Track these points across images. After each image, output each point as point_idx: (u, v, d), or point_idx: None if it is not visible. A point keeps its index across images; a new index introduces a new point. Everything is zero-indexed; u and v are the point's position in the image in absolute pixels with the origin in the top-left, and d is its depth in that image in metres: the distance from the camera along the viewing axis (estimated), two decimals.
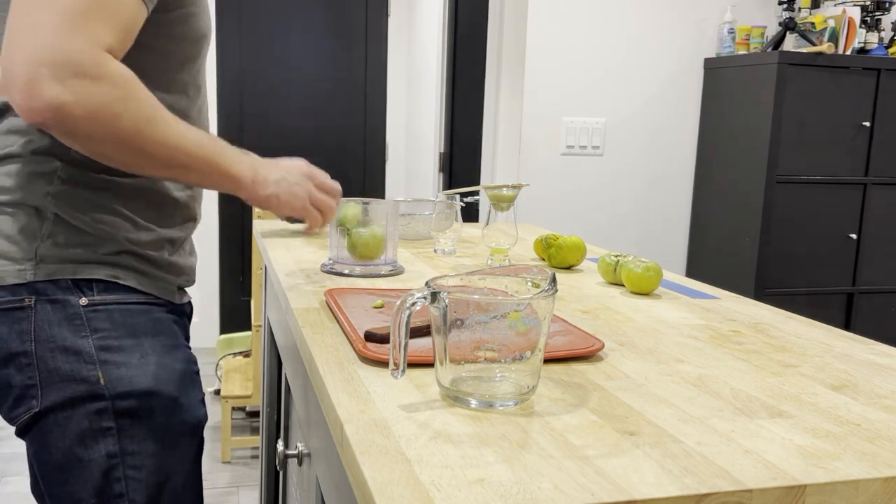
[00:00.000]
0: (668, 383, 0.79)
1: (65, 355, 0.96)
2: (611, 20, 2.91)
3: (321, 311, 1.03)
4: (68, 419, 0.96)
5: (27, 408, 0.97)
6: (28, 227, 0.97)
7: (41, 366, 0.95)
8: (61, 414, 0.96)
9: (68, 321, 0.96)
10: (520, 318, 0.68)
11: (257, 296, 3.05)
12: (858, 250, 2.91)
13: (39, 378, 0.96)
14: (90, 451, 0.97)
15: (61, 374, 0.96)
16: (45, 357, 0.96)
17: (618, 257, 1.27)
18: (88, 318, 0.97)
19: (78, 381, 0.96)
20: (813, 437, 0.66)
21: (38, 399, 0.96)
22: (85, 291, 0.97)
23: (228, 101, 4.34)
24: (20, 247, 0.97)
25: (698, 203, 3.10)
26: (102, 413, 0.97)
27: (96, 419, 0.97)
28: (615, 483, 0.56)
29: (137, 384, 0.98)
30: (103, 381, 0.97)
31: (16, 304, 0.95)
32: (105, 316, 0.98)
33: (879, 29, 2.92)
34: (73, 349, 0.96)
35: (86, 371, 0.96)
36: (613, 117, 2.97)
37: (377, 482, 0.55)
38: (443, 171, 3.97)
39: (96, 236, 0.99)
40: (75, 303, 0.97)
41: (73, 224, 0.98)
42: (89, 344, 0.97)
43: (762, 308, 1.17)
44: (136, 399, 0.98)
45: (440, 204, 1.50)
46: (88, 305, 0.97)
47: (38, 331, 0.95)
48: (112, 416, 0.97)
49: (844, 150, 2.83)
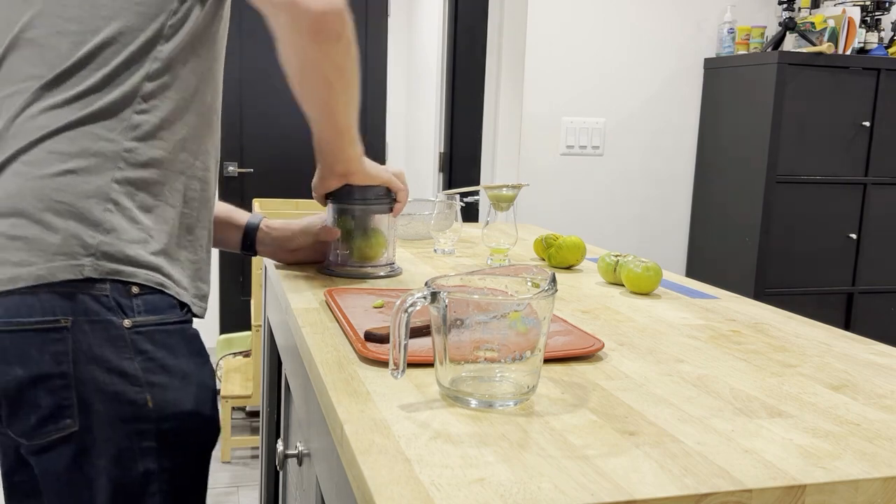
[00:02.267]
0: (668, 383, 0.79)
1: (108, 377, 0.93)
2: (611, 20, 2.91)
3: (321, 311, 1.03)
4: (108, 440, 0.94)
5: (58, 427, 0.93)
6: (89, 215, 0.92)
7: (80, 387, 0.92)
8: (101, 434, 0.94)
9: (111, 342, 0.93)
10: (520, 318, 0.68)
11: (257, 296, 3.05)
12: (858, 250, 2.91)
13: (77, 399, 0.92)
14: (127, 470, 0.95)
15: (105, 395, 0.93)
16: (86, 379, 0.92)
17: (618, 257, 1.27)
18: (132, 340, 0.94)
19: (124, 402, 0.93)
20: (813, 437, 0.66)
21: (74, 419, 0.92)
22: (127, 312, 0.94)
23: (228, 102, 4.34)
24: (78, 238, 0.91)
25: (698, 203, 3.10)
26: (145, 433, 0.95)
27: (137, 439, 0.95)
28: (615, 483, 0.56)
29: (182, 406, 0.98)
30: (151, 405, 0.95)
31: (49, 324, 0.90)
32: (146, 338, 0.95)
33: (879, 29, 2.92)
34: (117, 371, 0.93)
35: (133, 393, 0.94)
36: (613, 117, 2.97)
37: (377, 482, 0.55)
38: (443, 171, 3.97)
39: (149, 231, 0.97)
40: (118, 324, 0.93)
41: (132, 216, 0.95)
42: (135, 366, 0.94)
43: (762, 308, 1.17)
44: (179, 420, 0.98)
45: (440, 204, 1.50)
46: (132, 327, 0.94)
47: (77, 353, 0.91)
48: (154, 436, 0.96)
49: (844, 150, 2.83)
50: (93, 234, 0.92)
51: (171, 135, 0.98)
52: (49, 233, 0.90)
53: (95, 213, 0.92)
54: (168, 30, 0.96)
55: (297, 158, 4.39)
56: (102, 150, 0.93)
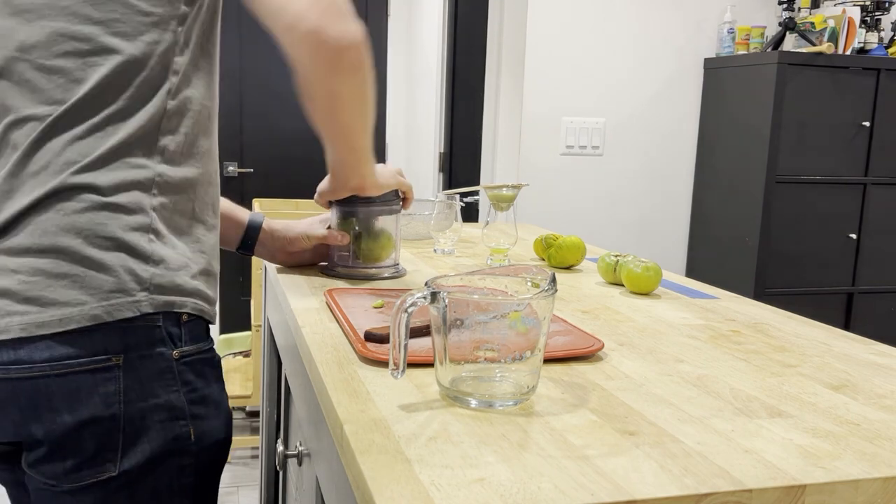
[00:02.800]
0: (667, 383, 0.79)
1: (156, 413, 0.88)
2: (611, 20, 2.91)
3: (321, 311, 1.03)
4: (144, 479, 0.89)
5: (95, 472, 0.87)
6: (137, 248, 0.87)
7: (128, 428, 0.86)
8: (139, 475, 0.88)
9: (160, 376, 0.88)
10: (520, 317, 0.68)
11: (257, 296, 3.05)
12: (858, 250, 2.91)
13: (123, 441, 0.86)
14: None
15: (150, 434, 0.88)
16: (135, 417, 0.87)
17: (617, 257, 1.27)
18: (179, 371, 0.89)
19: (170, 438, 0.89)
20: (813, 437, 0.66)
21: (115, 464, 0.87)
22: (176, 342, 0.89)
23: (228, 102, 4.34)
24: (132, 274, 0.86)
25: (698, 203, 3.10)
26: (185, 468, 0.91)
27: (177, 475, 0.91)
28: (615, 483, 0.56)
29: (218, 435, 0.94)
30: (193, 437, 0.91)
31: (100, 364, 0.85)
32: (189, 368, 0.91)
33: (879, 29, 2.92)
34: (165, 406, 0.88)
35: (178, 428, 0.89)
36: (613, 117, 2.97)
37: (377, 482, 0.55)
38: (443, 171, 3.97)
39: (186, 254, 0.92)
40: (168, 356, 0.88)
41: (170, 242, 0.91)
42: (181, 399, 0.89)
43: (762, 308, 1.17)
44: (215, 450, 0.95)
45: (440, 204, 1.50)
46: (179, 358, 0.89)
47: (128, 391, 0.86)
48: (194, 470, 0.92)
49: (844, 150, 2.83)
50: (145, 268, 0.87)
51: (197, 148, 0.94)
52: (99, 269, 0.85)
53: (142, 244, 0.87)
54: (181, 38, 0.90)
55: (297, 158, 4.39)
56: (138, 179, 0.88)
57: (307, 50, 0.90)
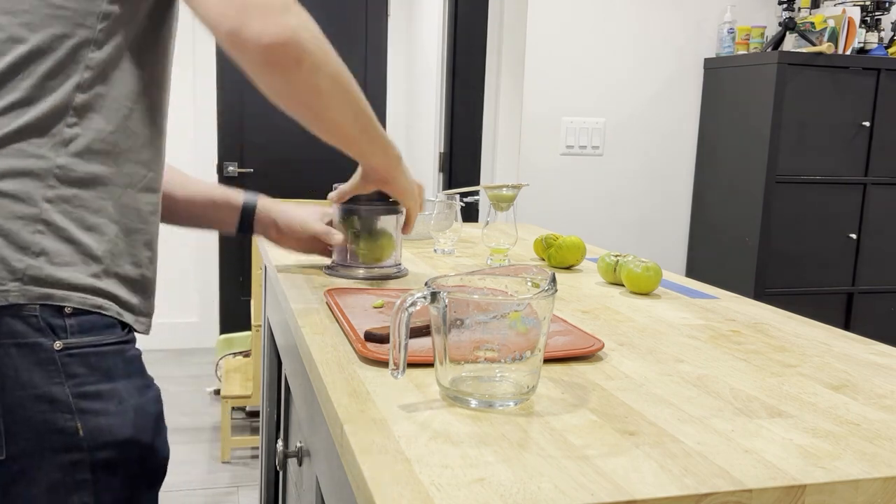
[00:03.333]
0: (667, 383, 0.79)
1: (37, 404, 0.87)
2: (611, 20, 2.91)
3: (321, 311, 1.03)
4: (38, 470, 0.88)
5: None
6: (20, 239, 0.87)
7: (7, 416, 0.86)
8: (29, 464, 0.88)
9: (39, 366, 0.87)
10: (520, 318, 0.68)
11: (257, 296, 3.05)
12: (858, 250, 2.91)
13: (5, 427, 0.86)
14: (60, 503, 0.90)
15: (32, 423, 0.87)
16: (13, 406, 0.86)
17: (617, 257, 1.27)
18: (63, 364, 0.88)
19: (53, 431, 0.88)
20: (813, 437, 0.66)
21: (1, 447, 0.87)
22: (59, 332, 0.88)
23: (228, 102, 4.34)
24: (3, 262, 0.85)
25: (698, 203, 3.10)
26: (78, 464, 0.90)
27: (70, 471, 0.89)
28: (615, 483, 0.56)
29: (118, 433, 0.92)
30: (82, 433, 0.89)
31: None
32: (79, 360, 0.89)
33: (879, 29, 2.92)
34: (46, 397, 0.87)
35: (62, 421, 0.88)
36: (613, 117, 2.97)
37: (377, 482, 0.55)
38: (443, 171, 3.97)
39: (89, 250, 0.91)
40: (48, 346, 0.87)
41: (67, 235, 0.89)
42: (65, 391, 0.88)
43: (762, 308, 1.17)
44: (114, 449, 0.92)
45: (440, 204, 1.50)
46: (63, 350, 0.88)
47: (4, 378, 0.86)
48: (89, 468, 0.90)
49: (844, 150, 2.83)
50: (20, 258, 0.86)
51: (112, 147, 0.91)
52: None
53: (23, 235, 0.86)
54: (100, 35, 0.89)
55: (297, 158, 4.39)
56: (31, 168, 0.87)
57: (233, 53, 0.88)
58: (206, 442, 3.21)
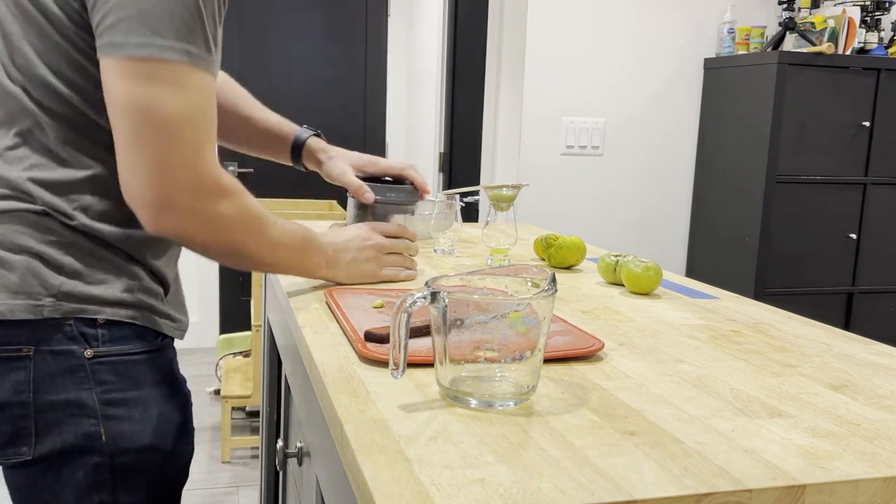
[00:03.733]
0: (667, 383, 0.79)
1: (66, 409, 0.92)
2: (611, 20, 2.91)
3: (321, 311, 1.03)
4: (61, 470, 0.94)
5: (16, 454, 0.93)
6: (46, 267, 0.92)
7: (39, 418, 0.92)
8: (55, 464, 0.93)
9: (71, 373, 0.92)
10: (520, 318, 0.68)
11: (257, 296, 3.05)
12: (858, 250, 2.91)
13: (35, 429, 0.92)
14: (81, 501, 0.95)
15: (61, 427, 0.92)
16: (45, 409, 0.92)
17: (617, 257, 1.27)
18: (92, 371, 0.93)
19: (79, 434, 0.93)
20: (813, 437, 0.66)
21: (30, 447, 0.92)
22: (90, 341, 0.93)
23: None
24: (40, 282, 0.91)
25: (698, 203, 3.10)
26: (99, 467, 0.94)
27: (92, 473, 0.94)
28: (615, 483, 0.56)
29: (139, 440, 0.96)
30: (105, 438, 0.94)
31: (12, 352, 0.90)
32: (109, 368, 0.94)
33: (879, 29, 2.92)
34: (75, 402, 0.92)
35: (87, 426, 0.93)
36: (613, 117, 2.97)
37: (377, 482, 0.55)
38: (443, 171, 3.97)
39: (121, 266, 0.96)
40: (79, 354, 0.92)
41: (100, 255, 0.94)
42: (93, 398, 0.93)
43: (762, 308, 1.17)
44: (135, 454, 0.96)
45: (440, 204, 1.50)
46: (93, 357, 0.93)
47: (38, 382, 0.91)
48: (109, 471, 0.95)
49: (844, 150, 2.83)
50: (55, 276, 0.91)
51: None
52: (8, 269, 0.90)
53: (56, 256, 0.91)
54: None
55: None
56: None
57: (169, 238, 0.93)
58: (206, 442, 3.21)
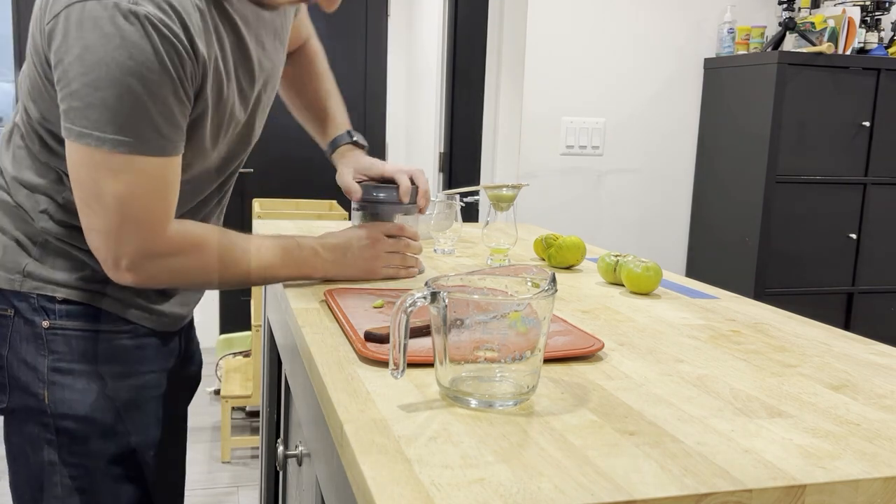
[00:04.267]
0: (667, 383, 0.79)
1: (25, 368, 1.06)
2: (611, 20, 2.91)
3: (321, 311, 1.03)
4: (23, 422, 1.07)
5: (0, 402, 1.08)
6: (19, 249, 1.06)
7: (9, 371, 1.06)
8: (19, 417, 1.08)
9: (34, 339, 1.06)
10: (520, 318, 0.68)
11: (257, 296, 3.05)
12: (858, 250, 2.91)
13: (8, 381, 1.07)
14: (36, 454, 1.07)
15: (20, 383, 1.06)
16: (13, 365, 1.06)
17: (617, 257, 1.27)
18: (47, 340, 1.06)
19: (30, 393, 1.06)
20: (812, 437, 0.66)
21: (5, 397, 1.07)
22: (49, 314, 1.05)
23: None
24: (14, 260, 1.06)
25: (698, 203, 3.10)
26: (47, 426, 1.07)
27: (42, 430, 1.07)
28: (615, 483, 0.56)
29: (75, 409, 1.07)
30: (47, 400, 1.06)
31: (2, 311, 1.06)
32: (62, 340, 1.06)
33: (879, 29, 2.91)
34: (31, 365, 1.06)
35: (35, 387, 1.06)
36: (613, 117, 2.97)
37: (377, 482, 0.55)
38: (443, 171, 3.97)
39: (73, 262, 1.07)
40: (39, 324, 1.05)
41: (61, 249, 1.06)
42: (44, 364, 1.06)
43: (762, 308, 1.17)
44: (73, 421, 1.07)
45: (440, 204, 1.50)
46: (49, 328, 1.06)
47: (13, 341, 1.06)
48: (54, 431, 1.07)
49: (844, 150, 2.83)
50: (25, 258, 1.05)
51: None
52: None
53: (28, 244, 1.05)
54: None
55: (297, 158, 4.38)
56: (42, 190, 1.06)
57: None
58: (206, 442, 3.21)
